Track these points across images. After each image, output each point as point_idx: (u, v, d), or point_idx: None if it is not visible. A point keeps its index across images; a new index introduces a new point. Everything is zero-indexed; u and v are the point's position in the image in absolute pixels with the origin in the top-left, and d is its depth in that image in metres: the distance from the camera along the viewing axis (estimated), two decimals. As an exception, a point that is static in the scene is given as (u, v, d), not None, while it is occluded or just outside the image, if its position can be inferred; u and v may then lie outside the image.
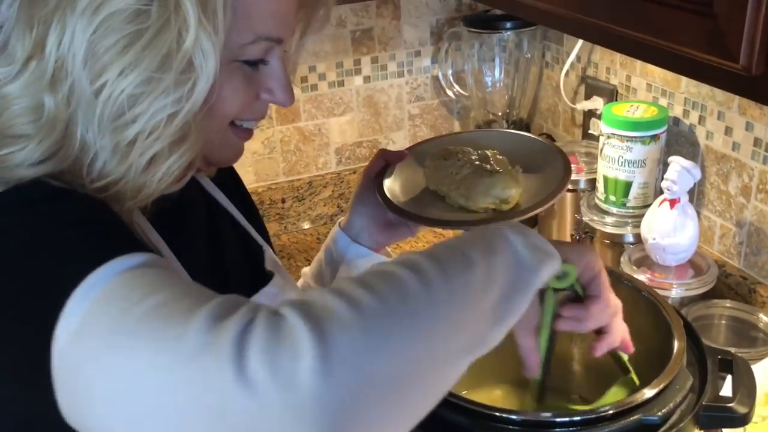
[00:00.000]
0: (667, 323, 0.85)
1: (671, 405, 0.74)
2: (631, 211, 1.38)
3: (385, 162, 0.98)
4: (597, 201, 1.42)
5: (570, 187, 1.51)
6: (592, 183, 1.46)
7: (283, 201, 1.75)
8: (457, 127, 1.91)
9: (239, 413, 0.47)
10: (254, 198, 1.72)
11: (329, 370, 0.47)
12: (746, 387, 0.80)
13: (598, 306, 0.75)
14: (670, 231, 1.26)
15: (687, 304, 1.24)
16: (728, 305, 1.24)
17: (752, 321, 1.21)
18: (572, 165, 0.91)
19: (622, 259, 1.32)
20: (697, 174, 1.24)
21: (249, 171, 1.72)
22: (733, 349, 1.11)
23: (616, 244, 1.39)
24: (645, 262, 1.32)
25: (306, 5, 0.77)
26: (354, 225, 0.98)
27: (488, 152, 0.94)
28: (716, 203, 1.35)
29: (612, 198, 1.38)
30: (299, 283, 1.04)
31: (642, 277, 1.26)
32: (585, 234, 1.43)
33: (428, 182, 0.95)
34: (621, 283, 0.92)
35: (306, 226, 1.79)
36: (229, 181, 0.98)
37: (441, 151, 0.95)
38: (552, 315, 0.76)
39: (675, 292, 1.25)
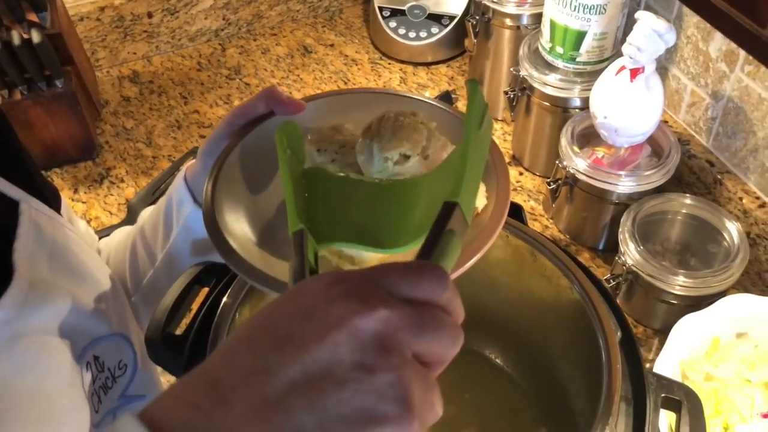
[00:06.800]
0: (594, 338, 0.61)
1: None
2: (581, 67, 1.07)
3: (268, 109, 0.59)
4: (541, 49, 1.10)
5: (509, 23, 1.17)
6: (537, 19, 1.13)
7: (150, 16, 1.37)
8: None
9: None
10: (110, 13, 1.34)
11: None
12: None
13: None
14: (627, 109, 0.97)
15: (637, 199, 0.99)
16: (688, 202, 0.99)
17: (715, 225, 0.97)
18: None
19: (563, 134, 1.04)
20: (671, 39, 0.92)
21: (101, -23, 1.33)
22: (679, 289, 0.89)
23: (559, 108, 1.10)
24: (591, 138, 1.05)
25: None
26: (201, 180, 0.62)
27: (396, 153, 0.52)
28: (690, 63, 1.04)
29: (559, 50, 1.06)
30: (131, 231, 0.73)
31: (583, 162, 1.00)
32: (522, 91, 1.12)
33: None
34: (541, 256, 0.66)
35: (185, 44, 1.43)
36: None
37: (320, 136, 0.56)
38: None
39: (622, 187, 0.99)
